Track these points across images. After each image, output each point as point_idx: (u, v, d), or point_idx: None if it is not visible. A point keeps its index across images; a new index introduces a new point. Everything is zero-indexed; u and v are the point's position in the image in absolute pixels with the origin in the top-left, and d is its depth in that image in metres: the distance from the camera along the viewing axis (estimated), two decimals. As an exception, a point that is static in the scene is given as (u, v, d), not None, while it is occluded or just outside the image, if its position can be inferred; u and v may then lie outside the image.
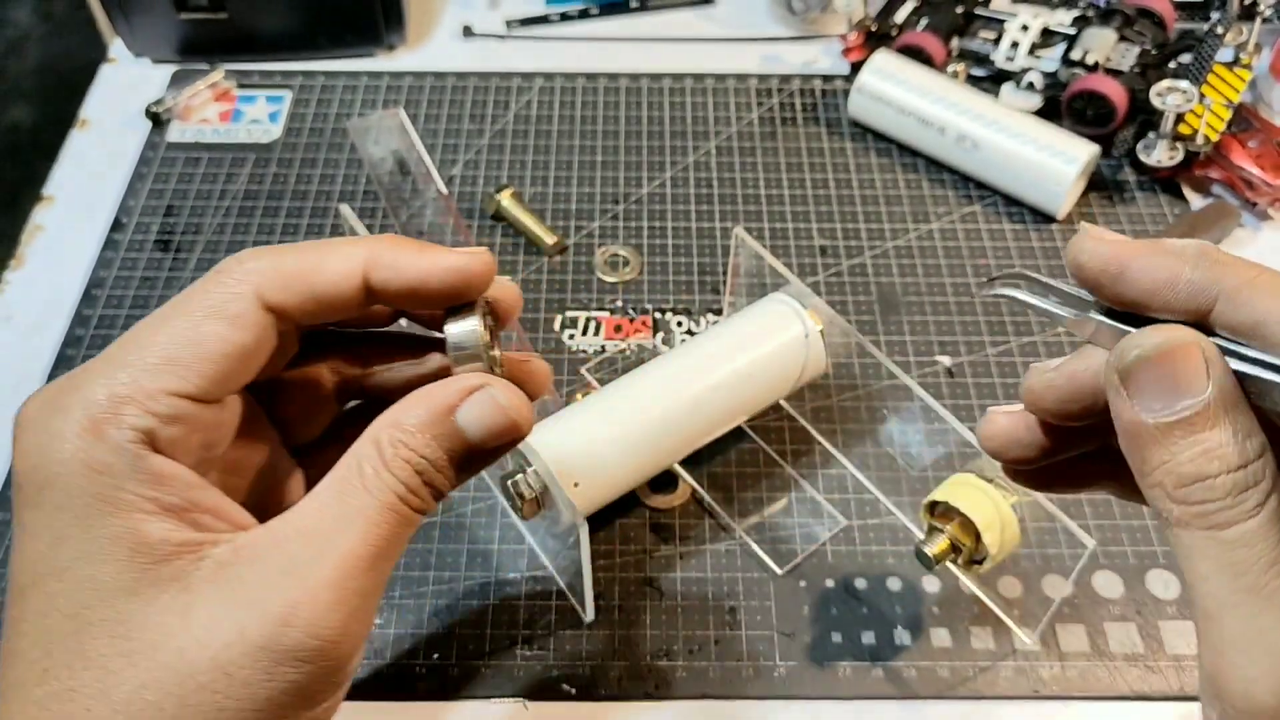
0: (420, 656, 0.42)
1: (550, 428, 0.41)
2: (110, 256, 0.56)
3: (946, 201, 0.59)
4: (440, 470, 0.27)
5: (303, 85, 0.65)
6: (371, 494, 0.26)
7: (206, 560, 0.25)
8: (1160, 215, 0.58)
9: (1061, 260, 0.56)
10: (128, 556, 0.25)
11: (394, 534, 0.26)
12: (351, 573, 0.25)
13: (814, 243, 0.57)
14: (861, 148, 0.62)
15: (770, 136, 0.63)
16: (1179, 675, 0.41)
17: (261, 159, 0.61)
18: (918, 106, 0.59)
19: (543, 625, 0.43)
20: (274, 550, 0.25)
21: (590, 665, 0.42)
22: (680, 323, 0.53)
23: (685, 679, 0.41)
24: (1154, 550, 0.45)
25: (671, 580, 0.44)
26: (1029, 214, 0.59)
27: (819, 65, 0.68)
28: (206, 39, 0.65)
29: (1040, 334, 0.53)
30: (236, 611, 0.24)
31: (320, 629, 0.25)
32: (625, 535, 0.45)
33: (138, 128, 0.63)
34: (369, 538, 0.26)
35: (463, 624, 0.43)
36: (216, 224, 0.58)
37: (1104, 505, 0.46)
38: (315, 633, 0.25)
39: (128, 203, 0.59)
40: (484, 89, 0.66)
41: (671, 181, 0.60)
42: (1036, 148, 0.56)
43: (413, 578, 0.44)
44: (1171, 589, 0.44)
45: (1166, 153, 0.58)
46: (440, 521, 0.46)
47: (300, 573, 0.25)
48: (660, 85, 0.66)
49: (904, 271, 0.56)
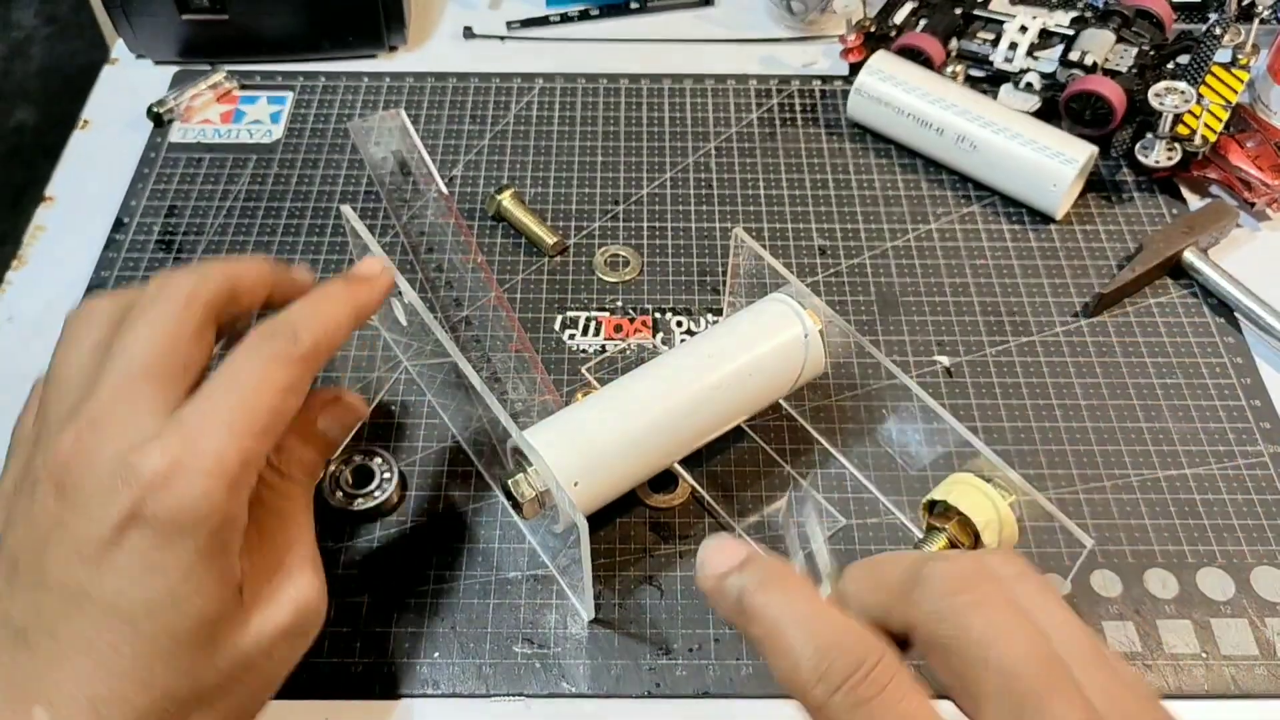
0: (421, 655, 0.42)
1: (550, 427, 0.41)
2: (112, 257, 0.56)
3: (945, 202, 0.59)
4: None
5: (304, 86, 0.65)
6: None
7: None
8: (1158, 215, 0.58)
9: (1059, 260, 0.56)
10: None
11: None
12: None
13: (813, 243, 0.57)
14: (860, 148, 0.62)
15: (770, 137, 0.63)
16: (1177, 674, 0.41)
17: (263, 159, 0.61)
18: (916, 107, 0.59)
19: (543, 624, 0.43)
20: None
21: (590, 663, 0.42)
22: (680, 323, 0.53)
23: (685, 677, 0.41)
24: (1152, 549, 0.45)
25: (671, 579, 0.44)
26: (1027, 214, 0.59)
27: (818, 66, 0.68)
28: (208, 40, 0.65)
29: (1038, 334, 0.53)
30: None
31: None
32: (625, 534, 0.45)
33: (140, 128, 0.63)
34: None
35: (464, 622, 0.43)
36: (218, 224, 0.58)
37: (1101, 505, 0.46)
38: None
39: (129, 203, 0.59)
40: (485, 90, 0.66)
41: (671, 182, 0.60)
42: (1035, 148, 0.56)
43: (413, 576, 0.44)
44: (1170, 588, 0.44)
45: (1164, 153, 0.58)
46: (441, 521, 0.46)
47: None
48: (660, 86, 0.66)
49: (902, 272, 0.56)
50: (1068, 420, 0.49)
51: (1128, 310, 0.54)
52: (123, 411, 0.32)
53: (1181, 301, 0.54)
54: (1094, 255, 0.57)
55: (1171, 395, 0.50)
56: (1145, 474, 0.48)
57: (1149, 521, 0.46)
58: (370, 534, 0.45)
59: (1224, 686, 0.41)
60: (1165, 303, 0.54)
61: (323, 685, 0.41)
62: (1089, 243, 0.57)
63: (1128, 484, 0.47)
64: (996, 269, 0.56)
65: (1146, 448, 0.48)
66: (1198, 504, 0.47)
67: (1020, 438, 0.49)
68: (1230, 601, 0.44)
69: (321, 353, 0.35)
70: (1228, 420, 0.49)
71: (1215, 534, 0.46)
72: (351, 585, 0.44)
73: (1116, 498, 0.47)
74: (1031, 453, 0.48)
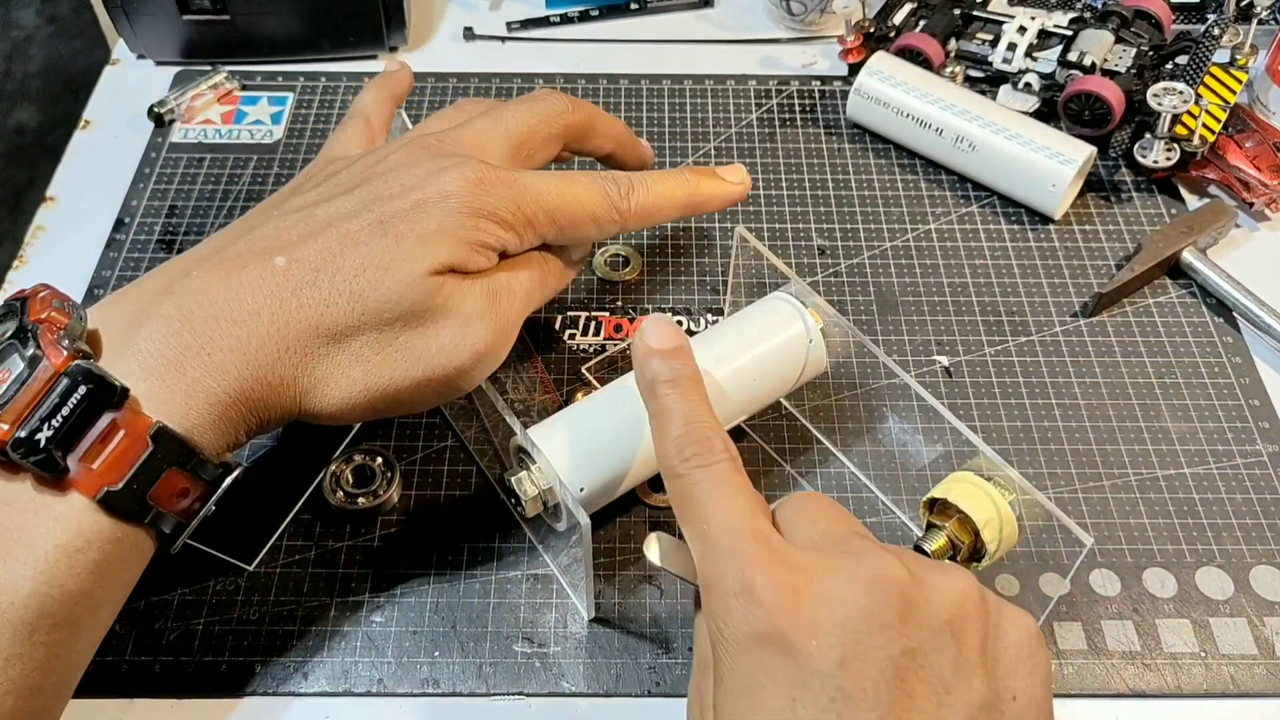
0: (421, 654, 0.42)
1: (552, 426, 0.41)
2: (113, 257, 0.56)
3: (944, 202, 0.59)
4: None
5: (305, 86, 0.65)
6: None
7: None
8: (1157, 215, 0.58)
9: (1058, 260, 0.56)
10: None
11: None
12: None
13: (812, 243, 0.57)
14: (860, 149, 0.62)
15: (769, 138, 0.63)
16: (1176, 673, 0.41)
17: (264, 160, 0.61)
18: (915, 108, 0.59)
19: (543, 623, 0.43)
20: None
21: (590, 662, 0.42)
22: (680, 322, 0.53)
23: (685, 676, 0.41)
24: (1151, 549, 0.45)
25: (671, 578, 0.44)
26: (1026, 214, 0.59)
27: (817, 67, 0.68)
28: (209, 41, 0.65)
29: (1037, 334, 0.53)
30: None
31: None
32: (625, 533, 0.45)
33: (141, 129, 0.63)
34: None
35: (464, 621, 0.43)
36: (219, 224, 0.58)
37: (1100, 504, 0.46)
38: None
39: (130, 203, 0.59)
40: (485, 90, 0.66)
41: (671, 182, 0.60)
42: (1033, 149, 0.56)
43: (413, 575, 0.44)
44: (1168, 587, 0.44)
45: (1163, 153, 0.58)
46: (441, 520, 0.46)
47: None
48: (660, 86, 0.66)
49: (902, 272, 0.56)
50: (1066, 420, 0.49)
51: (1126, 310, 0.54)
52: (472, 149, 0.41)
53: (1180, 301, 0.54)
54: (1093, 255, 0.57)
55: (1170, 395, 0.50)
56: (1144, 473, 0.48)
57: (1148, 521, 0.46)
58: (370, 533, 0.45)
59: (1223, 685, 0.41)
60: (1164, 302, 0.54)
61: (323, 682, 0.41)
62: (1088, 243, 0.57)
63: (1126, 483, 0.47)
64: (995, 269, 0.56)
65: (1145, 447, 0.48)
66: (1196, 503, 0.47)
67: (1019, 437, 0.49)
68: (1229, 601, 0.43)
69: (641, 218, 0.43)
70: (1226, 420, 0.49)
71: (1214, 533, 0.46)
72: (351, 584, 0.44)
73: (1115, 497, 0.47)
74: (1030, 452, 0.48)
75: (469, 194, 0.38)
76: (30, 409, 0.32)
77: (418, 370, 0.38)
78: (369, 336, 0.37)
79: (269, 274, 0.36)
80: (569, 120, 0.44)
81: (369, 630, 0.42)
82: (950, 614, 0.30)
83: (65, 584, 0.32)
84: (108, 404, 0.33)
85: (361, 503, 0.45)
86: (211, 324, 0.35)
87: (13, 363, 0.33)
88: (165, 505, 0.34)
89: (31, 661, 0.32)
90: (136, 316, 0.35)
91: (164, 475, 0.34)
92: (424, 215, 0.38)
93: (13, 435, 0.31)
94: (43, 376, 0.32)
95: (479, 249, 0.39)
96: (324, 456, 0.46)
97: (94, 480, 0.33)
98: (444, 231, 0.38)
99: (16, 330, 0.33)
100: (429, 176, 0.39)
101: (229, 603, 0.43)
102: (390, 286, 0.37)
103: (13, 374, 0.32)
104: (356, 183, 0.40)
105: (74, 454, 0.32)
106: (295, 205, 0.39)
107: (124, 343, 0.35)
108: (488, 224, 0.39)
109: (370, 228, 0.38)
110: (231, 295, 0.36)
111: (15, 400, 0.32)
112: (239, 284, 0.36)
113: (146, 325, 0.35)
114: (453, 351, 0.38)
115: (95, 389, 0.32)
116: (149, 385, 0.34)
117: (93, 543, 0.33)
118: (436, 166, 0.39)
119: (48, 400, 0.32)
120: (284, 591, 0.43)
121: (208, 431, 0.35)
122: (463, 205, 0.38)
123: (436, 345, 0.38)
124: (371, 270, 0.37)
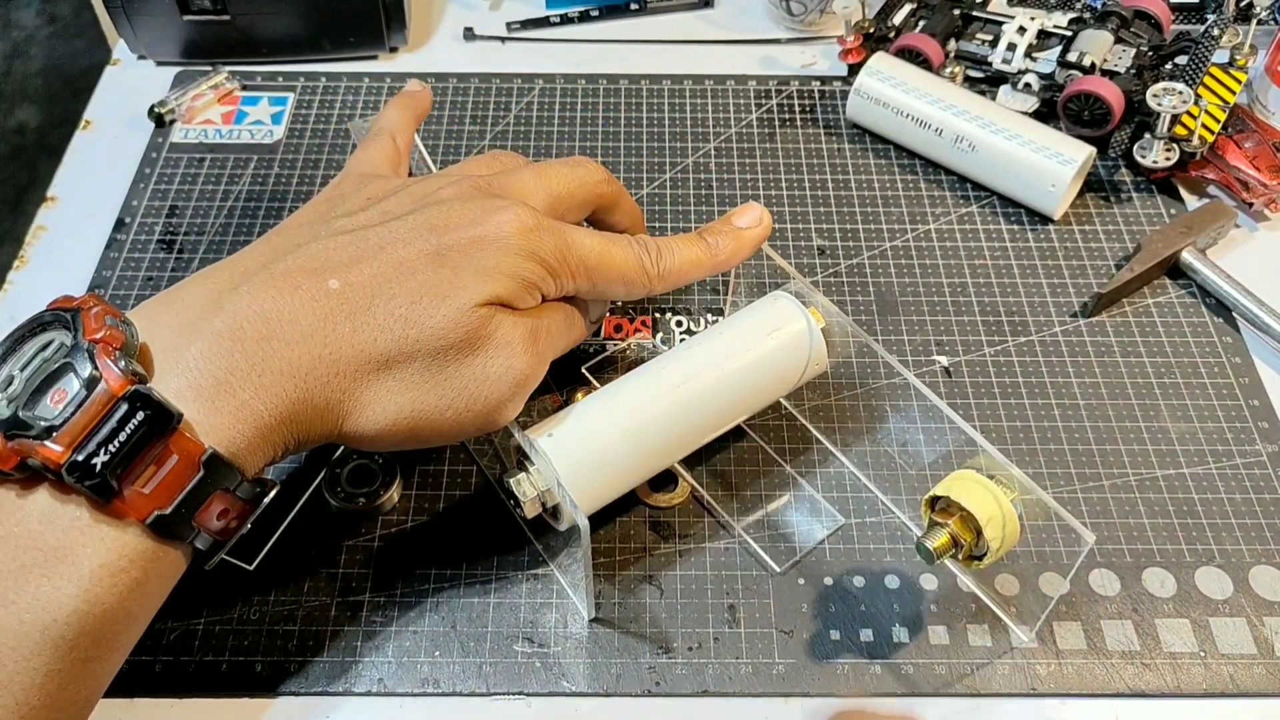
0: (422, 654, 0.42)
1: (552, 426, 0.41)
2: (114, 257, 0.56)
3: (944, 202, 0.59)
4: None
5: (305, 87, 0.65)
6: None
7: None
8: (1157, 215, 0.58)
9: (1058, 260, 0.56)
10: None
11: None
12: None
13: (812, 243, 0.57)
14: (859, 149, 0.62)
15: (769, 138, 0.63)
16: (1175, 673, 0.41)
17: (264, 160, 0.61)
18: (915, 108, 0.59)
19: (543, 623, 0.43)
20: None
21: (591, 662, 0.42)
22: (680, 322, 0.53)
23: (685, 676, 0.41)
24: (1150, 549, 0.45)
25: (671, 578, 0.44)
26: (1026, 215, 0.59)
27: (817, 67, 0.68)
28: (210, 41, 0.65)
29: (1037, 334, 0.53)
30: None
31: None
32: (625, 533, 0.45)
33: (141, 129, 0.63)
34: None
35: (464, 621, 0.43)
36: (219, 224, 0.58)
37: (1100, 504, 0.46)
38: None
39: (131, 203, 0.58)
40: (485, 90, 0.65)
41: (671, 182, 0.60)
42: (1033, 149, 0.56)
43: (413, 575, 0.44)
44: (1168, 587, 0.44)
45: (1162, 154, 0.58)
46: (441, 520, 0.46)
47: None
48: (660, 87, 0.66)
49: (901, 272, 0.56)
50: (1066, 420, 0.49)
51: (1126, 310, 0.54)
52: (519, 195, 0.42)
53: (1180, 301, 0.54)
54: (1092, 255, 0.56)
55: (1170, 395, 0.50)
56: (1143, 473, 0.47)
57: (1147, 521, 0.46)
58: (370, 533, 0.45)
59: (1223, 685, 0.41)
60: (1163, 303, 0.54)
61: (323, 682, 0.41)
62: (1087, 243, 0.57)
63: (1126, 483, 0.47)
64: (995, 269, 0.56)
65: (1145, 447, 0.48)
66: (1196, 503, 0.46)
67: (1019, 437, 0.49)
68: (1228, 600, 0.43)
69: (668, 284, 0.44)
70: (1226, 420, 0.49)
71: (1213, 533, 0.45)
72: (351, 584, 0.44)
73: (1115, 497, 0.47)
74: (1030, 452, 0.48)
75: (523, 236, 0.39)
76: (87, 433, 0.32)
77: (462, 399, 0.38)
78: (420, 364, 0.37)
79: (322, 296, 0.36)
80: (603, 191, 0.45)
81: (369, 630, 0.42)
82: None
83: (106, 602, 0.32)
84: (164, 429, 0.32)
85: (361, 502, 0.45)
86: (263, 345, 0.35)
87: (68, 382, 0.32)
88: (205, 525, 0.34)
89: (68, 677, 0.32)
90: (184, 331, 0.35)
91: (211, 498, 0.34)
92: (481, 251, 0.38)
93: (69, 458, 0.31)
94: (100, 399, 0.32)
95: (529, 288, 0.40)
96: (324, 456, 0.46)
97: (146, 504, 0.33)
98: (500, 268, 0.38)
99: (73, 348, 0.33)
100: (485, 214, 0.39)
101: (229, 602, 0.43)
102: (446, 314, 0.37)
103: (70, 394, 0.32)
104: (407, 210, 0.40)
105: (126, 477, 0.32)
106: (342, 226, 0.39)
107: (173, 359, 0.34)
108: (537, 267, 0.39)
109: (426, 257, 0.38)
110: (284, 316, 0.36)
111: (72, 423, 0.32)
112: (291, 304, 0.36)
113: (196, 342, 0.35)
114: (497, 381, 0.38)
115: (152, 414, 0.32)
116: (199, 406, 0.34)
117: (136, 562, 0.33)
118: (492, 206, 0.40)
119: (106, 425, 0.32)
120: (284, 591, 0.43)
121: (251, 453, 0.35)
122: (518, 247, 0.39)
123: (484, 374, 0.38)
124: (428, 298, 0.37)
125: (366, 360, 0.37)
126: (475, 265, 0.38)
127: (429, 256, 0.38)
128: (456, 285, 0.38)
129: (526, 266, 0.39)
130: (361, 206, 0.41)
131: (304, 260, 0.37)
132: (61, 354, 0.33)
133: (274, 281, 0.37)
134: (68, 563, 0.32)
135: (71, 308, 0.34)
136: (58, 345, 0.33)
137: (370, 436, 0.38)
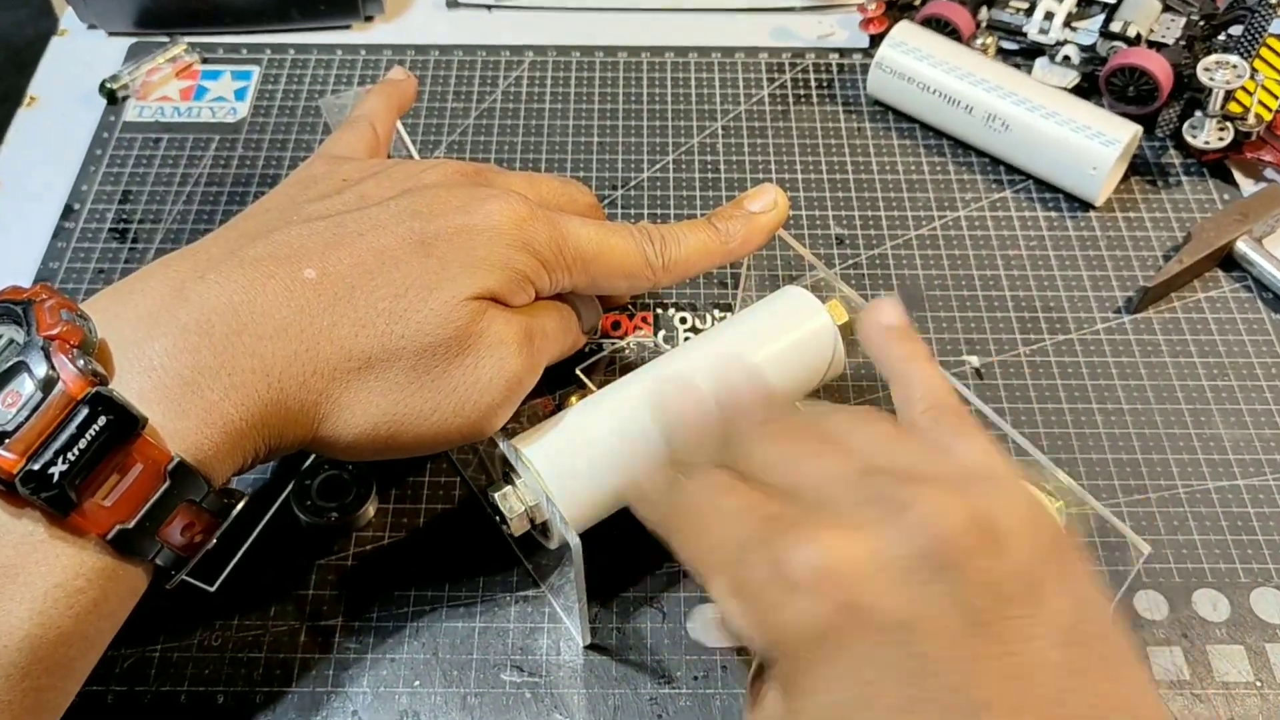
0: (400, 684, 0.42)
1: (541, 435, 0.41)
2: (61, 246, 0.56)
3: (974, 187, 0.59)
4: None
5: (271, 60, 0.65)
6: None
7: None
8: (1208, 201, 0.58)
9: (1100, 251, 0.56)
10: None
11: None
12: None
13: (830, 232, 0.57)
14: (882, 128, 0.62)
15: (782, 116, 0.63)
16: (1229, 704, 0.41)
17: (227, 140, 0.61)
18: (943, 83, 0.59)
19: (534, 649, 0.43)
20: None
21: (586, 693, 0.42)
22: (684, 319, 0.53)
23: (689, 708, 0.41)
24: (1202, 568, 0.45)
25: (674, 600, 0.44)
26: (1065, 200, 0.59)
27: (835, 38, 0.68)
28: (166, 10, 0.65)
29: (1077, 332, 0.53)
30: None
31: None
32: (624, 553, 0.45)
33: (91, 106, 0.63)
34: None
35: (446, 648, 0.43)
36: (178, 211, 0.58)
37: (1146, 519, 0.46)
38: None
39: (80, 188, 0.58)
40: (470, 64, 0.65)
41: (674, 165, 0.60)
42: (1073, 128, 0.56)
43: (390, 597, 0.44)
44: (1221, 610, 0.44)
45: (1215, 133, 0.58)
46: (420, 536, 0.46)
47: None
48: (662, 60, 0.66)
49: (928, 263, 0.56)
50: (1109, 426, 0.49)
51: (1175, 305, 0.54)
52: (507, 188, 0.41)
53: (1234, 295, 0.54)
54: (1138, 245, 0.56)
55: (1223, 399, 0.50)
56: (1194, 485, 0.47)
57: (1198, 537, 0.46)
58: (344, 551, 0.45)
59: (1281, 718, 0.41)
60: (1216, 297, 0.54)
61: (292, 715, 0.41)
62: (1132, 232, 0.57)
63: (1175, 496, 0.47)
64: (1031, 260, 0.56)
65: (1196, 456, 0.48)
66: (1252, 518, 0.46)
67: (1057, 445, 0.49)
68: (1288, 625, 0.43)
69: (673, 275, 0.44)
70: (1284, 426, 0.49)
71: (1271, 551, 0.45)
72: (323, 607, 0.44)
73: (1163, 511, 0.47)
74: (1070, 461, 0.48)
75: (516, 226, 0.39)
76: (44, 439, 0.31)
77: (448, 404, 0.38)
78: (404, 363, 0.37)
79: (298, 286, 0.36)
80: (591, 215, 0.45)
81: (342, 658, 0.42)
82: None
83: (61, 625, 0.32)
84: (127, 435, 0.32)
85: (333, 517, 0.45)
86: (233, 340, 0.35)
87: (21, 383, 0.32)
88: (168, 540, 0.34)
89: (20, 707, 0.32)
90: (146, 325, 0.35)
91: (176, 511, 0.34)
92: (470, 240, 0.38)
93: (24, 467, 0.31)
94: (58, 402, 0.31)
95: (522, 283, 0.40)
96: (293, 466, 0.46)
97: (106, 518, 0.32)
98: (490, 260, 0.38)
99: (25, 345, 0.32)
100: (473, 202, 0.39)
101: (189, 627, 0.43)
102: (433, 308, 0.37)
103: (23, 397, 0.32)
104: (387, 194, 0.40)
105: (86, 488, 0.32)
106: (317, 211, 0.39)
107: (134, 356, 0.34)
108: (531, 259, 0.39)
109: (411, 246, 0.38)
110: (256, 308, 0.36)
111: (27, 428, 0.31)
112: (264, 295, 0.36)
113: (160, 337, 0.35)
114: (488, 385, 0.38)
115: (115, 419, 0.32)
116: (164, 409, 0.34)
117: (94, 581, 0.33)
118: (480, 194, 0.40)
119: (65, 431, 0.31)
120: (249, 615, 0.43)
121: (220, 461, 0.35)
122: (510, 237, 0.39)
123: (473, 377, 0.38)
124: (414, 291, 0.37)
125: (346, 358, 0.36)
126: (464, 256, 0.38)
127: (413, 245, 0.38)
128: (444, 277, 0.37)
129: (519, 258, 0.39)
130: (337, 189, 0.41)
131: (276, 247, 0.37)
132: (14, 351, 0.33)
133: (244, 270, 0.36)
134: (19, 582, 0.32)
135: (22, 300, 0.34)
136: (7, 342, 0.33)
137: (347, 443, 0.37)
